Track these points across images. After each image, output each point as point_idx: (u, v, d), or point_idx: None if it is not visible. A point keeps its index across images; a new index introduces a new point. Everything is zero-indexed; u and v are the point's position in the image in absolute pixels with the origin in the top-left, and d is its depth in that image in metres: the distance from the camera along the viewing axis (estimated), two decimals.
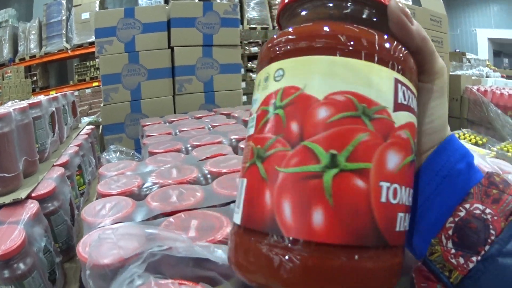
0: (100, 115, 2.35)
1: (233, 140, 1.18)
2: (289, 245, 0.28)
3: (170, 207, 0.70)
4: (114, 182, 0.87)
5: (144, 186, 0.84)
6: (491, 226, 0.34)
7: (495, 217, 0.35)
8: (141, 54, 2.25)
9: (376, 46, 0.31)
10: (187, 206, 0.70)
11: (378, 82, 0.30)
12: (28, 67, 9.42)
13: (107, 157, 1.34)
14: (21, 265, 0.82)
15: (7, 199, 0.97)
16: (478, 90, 3.43)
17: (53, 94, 7.54)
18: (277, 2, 10.70)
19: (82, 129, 1.92)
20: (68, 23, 9.48)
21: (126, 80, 2.22)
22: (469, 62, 6.55)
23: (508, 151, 2.57)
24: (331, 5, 0.35)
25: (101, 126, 2.42)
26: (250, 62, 6.80)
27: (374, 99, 0.30)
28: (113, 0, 11.91)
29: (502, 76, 5.54)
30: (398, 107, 0.31)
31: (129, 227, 0.59)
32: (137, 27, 2.25)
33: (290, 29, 0.34)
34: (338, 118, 0.29)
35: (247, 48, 6.80)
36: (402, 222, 0.32)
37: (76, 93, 7.86)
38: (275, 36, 0.35)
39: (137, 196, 0.81)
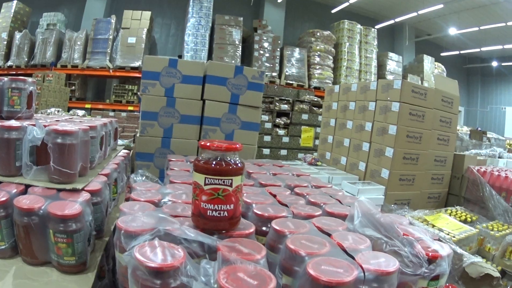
0: (135, 143, 2.87)
1: None
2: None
3: (175, 213, 1.22)
4: (143, 194, 1.41)
5: (162, 200, 1.38)
6: None
7: None
8: (178, 100, 2.77)
9: (199, 168, 1.11)
10: (186, 215, 1.23)
11: (199, 179, 1.11)
12: (68, 75, 9.97)
13: (135, 178, 1.82)
14: (73, 225, 1.33)
15: (68, 187, 1.51)
16: (478, 170, 3.62)
17: (88, 107, 8.02)
18: (316, 61, 11.20)
19: (120, 151, 2.45)
20: (114, 43, 10.35)
21: (161, 120, 2.75)
22: (489, 141, 6.66)
23: (492, 229, 2.86)
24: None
25: (132, 151, 2.93)
26: (278, 118, 7.08)
27: (199, 182, 1.11)
28: (160, 29, 12.39)
29: None
30: (206, 184, 1.09)
31: (151, 212, 1.13)
32: (177, 77, 2.77)
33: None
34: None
35: (277, 104, 7.02)
36: (211, 212, 1.11)
37: (112, 113, 8.41)
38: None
39: (156, 204, 1.34)
